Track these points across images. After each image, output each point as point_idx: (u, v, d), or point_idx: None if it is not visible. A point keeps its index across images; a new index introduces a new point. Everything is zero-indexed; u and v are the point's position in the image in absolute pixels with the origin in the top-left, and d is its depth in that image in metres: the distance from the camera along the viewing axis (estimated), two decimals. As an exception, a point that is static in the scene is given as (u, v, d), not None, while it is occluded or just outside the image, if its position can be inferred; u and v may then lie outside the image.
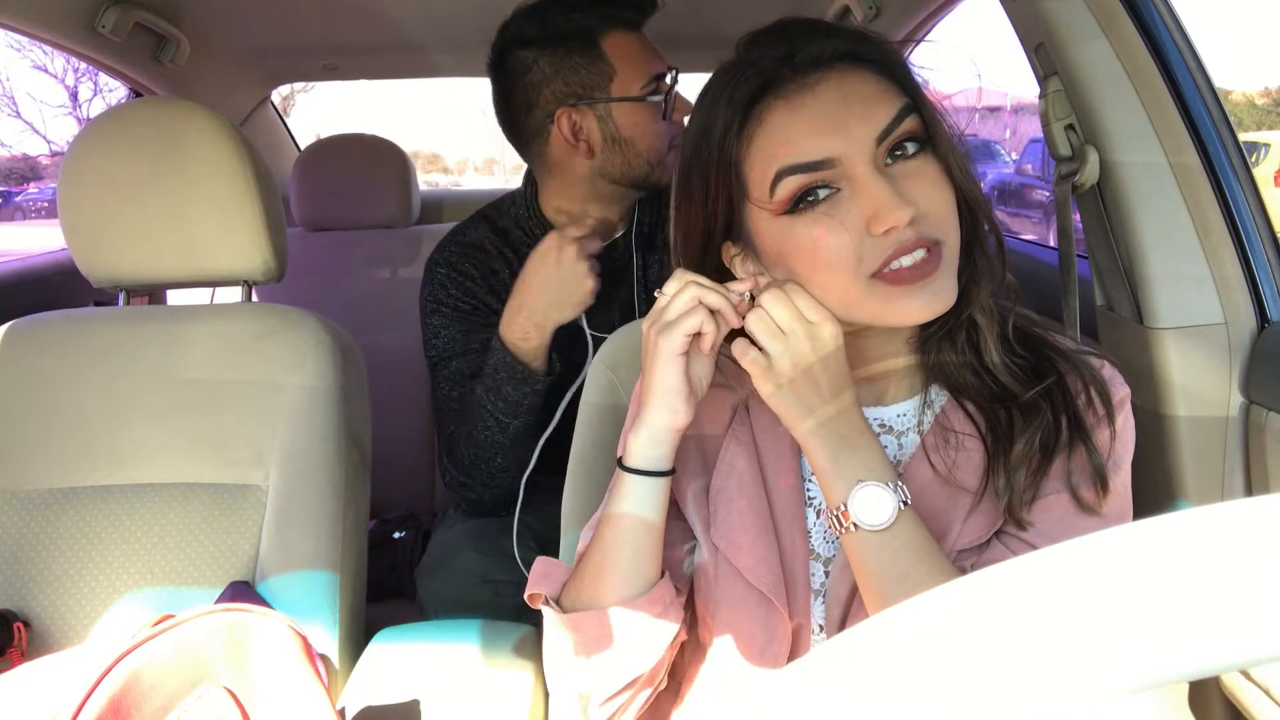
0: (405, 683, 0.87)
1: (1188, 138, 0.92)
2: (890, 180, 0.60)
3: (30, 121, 11.78)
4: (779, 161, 0.61)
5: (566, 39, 1.13)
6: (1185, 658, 0.20)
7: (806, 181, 0.61)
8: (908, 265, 0.60)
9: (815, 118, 0.61)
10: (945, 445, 0.67)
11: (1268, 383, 0.91)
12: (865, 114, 0.61)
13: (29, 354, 1.07)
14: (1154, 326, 0.94)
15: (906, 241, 0.60)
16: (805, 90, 0.61)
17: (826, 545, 0.70)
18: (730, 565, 0.69)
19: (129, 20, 1.54)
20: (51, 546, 1.01)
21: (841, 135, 0.60)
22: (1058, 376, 0.66)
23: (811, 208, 0.61)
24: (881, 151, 0.61)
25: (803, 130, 0.61)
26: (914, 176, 0.61)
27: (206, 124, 1.04)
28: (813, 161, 0.60)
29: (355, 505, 1.05)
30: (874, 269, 0.61)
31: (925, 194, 0.61)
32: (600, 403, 0.90)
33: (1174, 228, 0.94)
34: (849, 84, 0.62)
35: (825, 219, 0.61)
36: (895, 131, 0.61)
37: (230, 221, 1.05)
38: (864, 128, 0.60)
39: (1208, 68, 0.93)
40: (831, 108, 0.61)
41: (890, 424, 0.71)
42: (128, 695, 0.68)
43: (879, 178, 0.60)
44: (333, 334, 1.08)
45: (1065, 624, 0.21)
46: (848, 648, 0.23)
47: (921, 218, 0.60)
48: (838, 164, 0.61)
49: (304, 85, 9.09)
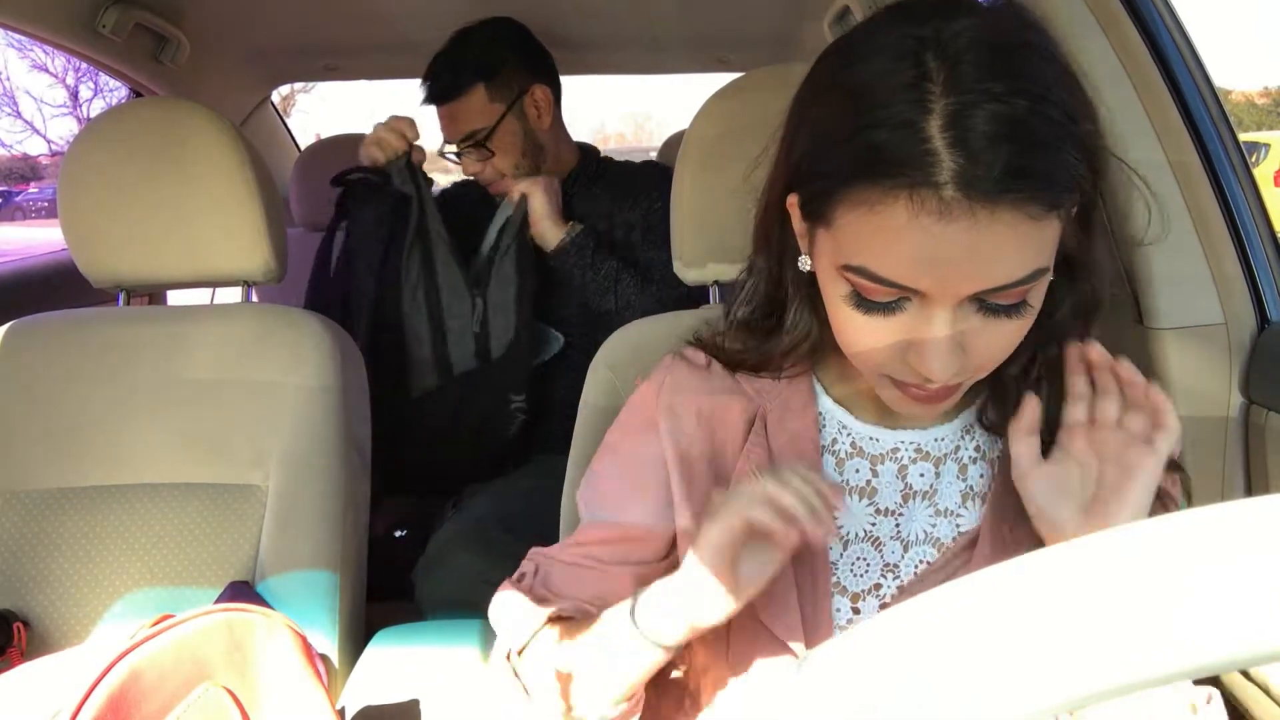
0: (405, 683, 0.87)
1: (1188, 137, 0.92)
2: (962, 320, 0.52)
3: (30, 121, 11.76)
4: (862, 257, 0.51)
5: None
6: (1184, 657, 0.20)
7: (879, 291, 0.52)
8: (924, 389, 0.55)
9: (930, 249, 0.49)
10: (1005, 505, 0.63)
11: (1268, 383, 0.91)
12: (986, 268, 0.49)
13: (29, 354, 1.07)
14: (1154, 326, 0.94)
15: (934, 387, 0.54)
16: (944, 218, 0.48)
17: (854, 579, 0.64)
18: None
19: (129, 20, 1.54)
20: (51, 546, 1.01)
21: (947, 279, 0.50)
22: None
23: (873, 308, 0.54)
24: (974, 299, 0.51)
25: (909, 251, 0.49)
26: (995, 326, 0.52)
27: (206, 124, 1.04)
28: (899, 285, 0.51)
29: (355, 505, 1.05)
30: (894, 377, 0.56)
31: (988, 347, 0.53)
32: (600, 404, 0.90)
33: (1174, 227, 0.94)
34: (993, 226, 0.48)
35: (877, 310, 0.53)
36: (1005, 293, 0.51)
37: (230, 221, 1.05)
38: (973, 282, 0.50)
39: (1208, 68, 0.93)
40: (956, 248, 0.48)
41: (927, 449, 0.65)
42: (127, 695, 0.68)
43: (946, 327, 0.51)
44: (333, 334, 1.08)
45: (1065, 624, 0.21)
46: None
47: (965, 365, 0.53)
48: (923, 294, 0.51)
49: (304, 85, 9.09)
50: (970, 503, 0.65)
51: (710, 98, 0.92)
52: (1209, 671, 0.20)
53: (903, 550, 0.64)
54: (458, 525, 1.27)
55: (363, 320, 1.31)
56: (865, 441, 0.65)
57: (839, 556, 0.64)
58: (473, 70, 1.39)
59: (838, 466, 0.65)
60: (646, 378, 0.71)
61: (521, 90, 1.42)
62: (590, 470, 0.72)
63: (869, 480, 0.65)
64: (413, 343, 1.33)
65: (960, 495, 0.65)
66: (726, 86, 0.92)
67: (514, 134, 1.42)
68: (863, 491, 0.65)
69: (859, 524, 0.64)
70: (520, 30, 1.47)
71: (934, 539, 0.64)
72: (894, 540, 0.64)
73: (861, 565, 0.64)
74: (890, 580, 0.64)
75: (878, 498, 0.64)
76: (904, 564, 0.64)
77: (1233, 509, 0.21)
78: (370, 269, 1.32)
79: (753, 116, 0.87)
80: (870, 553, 0.64)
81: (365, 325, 1.31)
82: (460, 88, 1.39)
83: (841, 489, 0.61)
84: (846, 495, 0.64)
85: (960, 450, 0.65)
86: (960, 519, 0.65)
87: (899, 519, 0.64)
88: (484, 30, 1.44)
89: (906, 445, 0.64)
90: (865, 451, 0.65)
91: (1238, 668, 0.20)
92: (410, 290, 1.32)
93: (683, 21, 1.92)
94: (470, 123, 1.40)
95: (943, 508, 0.64)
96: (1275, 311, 0.94)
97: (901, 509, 0.64)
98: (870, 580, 0.64)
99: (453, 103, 1.40)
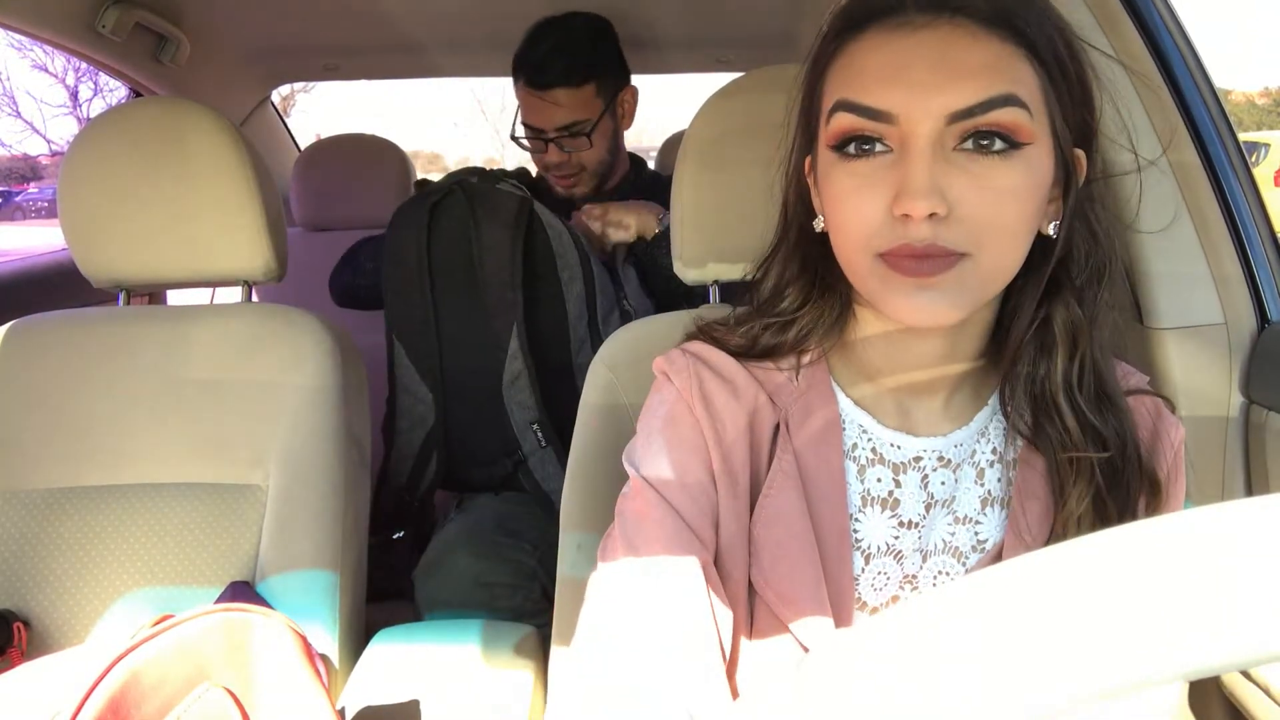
0: (405, 683, 0.87)
1: (1188, 138, 0.92)
2: (943, 165, 0.52)
3: (30, 121, 11.76)
4: (842, 92, 0.55)
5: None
6: (1184, 658, 0.20)
7: (858, 125, 0.54)
8: (912, 256, 0.54)
9: (897, 63, 0.53)
10: (1023, 514, 0.61)
11: (1268, 383, 0.91)
12: (950, 82, 0.52)
13: (29, 354, 1.07)
14: (1154, 326, 0.94)
15: (918, 242, 0.53)
16: (906, 29, 0.54)
17: (875, 594, 0.62)
18: (770, 611, 0.60)
19: (129, 20, 1.54)
20: (51, 546, 1.01)
21: (914, 94, 0.52)
22: (1127, 433, 0.60)
23: (857, 157, 0.55)
24: (954, 133, 0.52)
25: (879, 71, 0.54)
26: (978, 176, 0.53)
27: (206, 124, 1.04)
28: (872, 109, 0.53)
29: (355, 505, 1.05)
30: (881, 249, 0.54)
31: (975, 198, 0.52)
32: (599, 403, 0.90)
33: (1174, 227, 0.94)
34: (957, 41, 0.53)
35: (862, 175, 0.55)
36: (976, 118, 0.52)
37: (230, 221, 1.05)
38: (941, 97, 0.52)
39: (1208, 68, 0.93)
40: (921, 60, 0.53)
41: (949, 457, 0.63)
42: (127, 695, 0.68)
43: (925, 157, 0.52)
44: (333, 334, 1.08)
45: (1064, 624, 0.21)
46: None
47: (952, 221, 0.52)
48: (897, 122, 0.53)
49: (304, 85, 9.10)
50: (989, 509, 0.63)
51: (710, 98, 0.92)
52: (1209, 672, 0.20)
53: (922, 561, 0.62)
54: (458, 527, 1.27)
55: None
56: (886, 449, 0.63)
57: (860, 571, 0.62)
58: (588, 63, 1.42)
59: (859, 474, 0.63)
60: (666, 378, 0.66)
61: (618, 88, 1.47)
62: (641, 441, 0.66)
63: (891, 491, 0.62)
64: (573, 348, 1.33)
65: (979, 501, 0.63)
66: (726, 86, 0.92)
67: (607, 131, 1.46)
68: (885, 503, 0.62)
69: (881, 537, 0.62)
70: (613, 30, 1.50)
71: (952, 548, 0.62)
72: (915, 552, 0.62)
73: (882, 579, 0.62)
74: (909, 591, 0.62)
75: (900, 509, 0.62)
76: (923, 574, 0.62)
77: (1233, 509, 0.21)
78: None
79: (753, 116, 0.87)
80: (891, 566, 0.62)
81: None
82: (577, 78, 1.41)
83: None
84: (868, 507, 0.62)
85: (977, 454, 0.63)
86: (979, 526, 0.63)
87: (921, 530, 0.62)
88: (588, 24, 1.46)
89: (930, 454, 0.62)
90: (886, 459, 0.63)
91: (1237, 668, 0.20)
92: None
93: (682, 21, 1.93)
94: (575, 113, 1.42)
95: (961, 515, 0.63)
96: (1275, 311, 0.94)
97: (924, 520, 0.62)
98: (889, 593, 0.62)
99: (566, 90, 1.41)
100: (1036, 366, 0.60)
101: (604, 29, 1.48)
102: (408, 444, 1.33)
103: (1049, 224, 0.57)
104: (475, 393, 1.30)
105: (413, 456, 1.34)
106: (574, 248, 1.29)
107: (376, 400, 1.18)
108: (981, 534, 0.63)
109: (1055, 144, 0.55)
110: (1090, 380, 0.60)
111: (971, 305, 0.56)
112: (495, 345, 1.27)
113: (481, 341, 1.28)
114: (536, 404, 1.27)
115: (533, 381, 1.27)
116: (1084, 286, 0.59)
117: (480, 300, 1.27)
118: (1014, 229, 0.54)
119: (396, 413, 1.34)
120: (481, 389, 1.29)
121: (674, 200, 0.93)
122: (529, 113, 1.45)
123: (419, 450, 1.33)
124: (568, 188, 1.48)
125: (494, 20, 1.78)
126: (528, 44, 1.43)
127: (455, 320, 1.30)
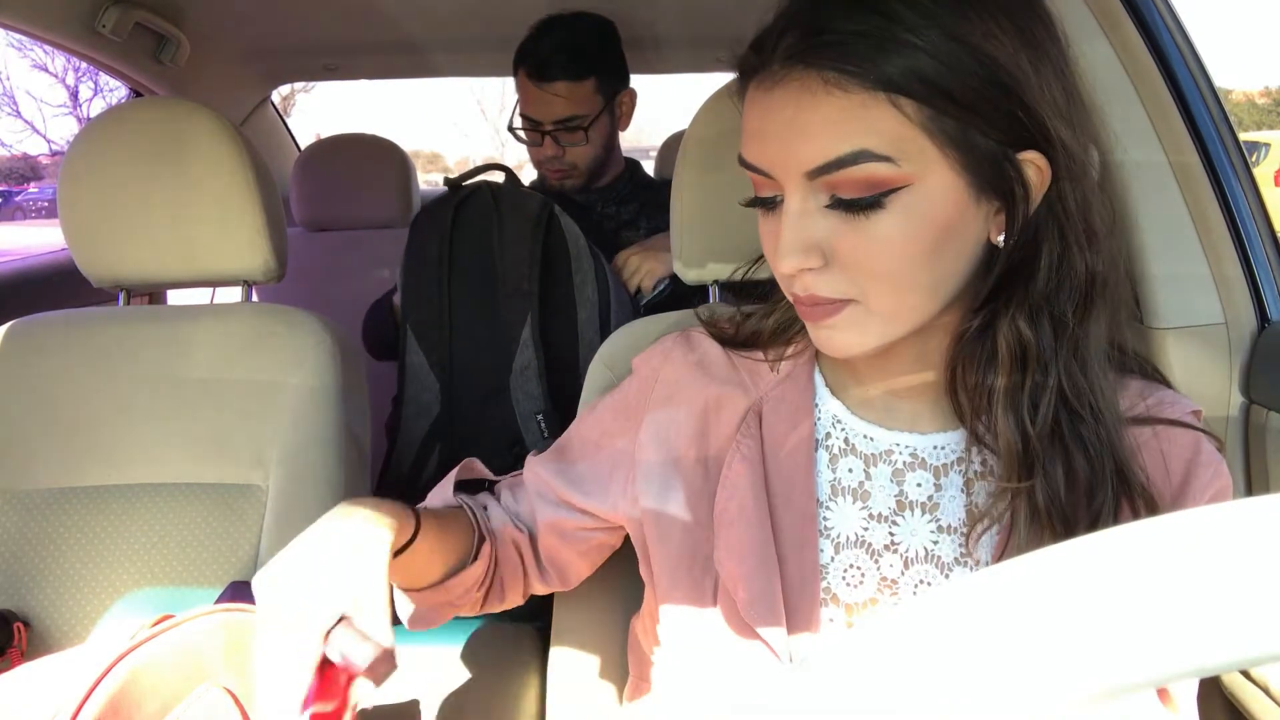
0: (405, 682, 0.87)
1: (1188, 138, 0.92)
2: (816, 218, 0.53)
3: (30, 121, 11.77)
4: (741, 147, 0.56)
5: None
6: (1183, 658, 0.20)
7: (756, 181, 0.56)
8: (799, 303, 0.56)
9: (761, 120, 0.54)
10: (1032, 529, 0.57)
11: (1268, 383, 0.91)
12: (801, 141, 0.51)
13: (29, 354, 1.07)
14: (1154, 326, 0.94)
15: (800, 291, 0.55)
16: (768, 82, 0.53)
17: (848, 589, 0.61)
18: (729, 594, 0.62)
19: (129, 20, 1.54)
20: (51, 546, 1.01)
21: (775, 153, 0.53)
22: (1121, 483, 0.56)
23: (764, 209, 0.57)
24: (820, 185, 0.52)
25: (751, 127, 0.55)
26: (855, 226, 0.52)
27: (206, 124, 1.04)
28: (754, 166, 0.55)
29: (355, 505, 1.05)
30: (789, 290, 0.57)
31: (851, 248, 0.52)
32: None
33: (1174, 228, 0.94)
34: (803, 98, 0.51)
35: (767, 227, 0.57)
36: (832, 174, 0.51)
37: (230, 221, 1.05)
38: (795, 156, 0.52)
39: (1208, 68, 0.93)
40: (777, 118, 0.52)
41: (924, 457, 0.62)
42: (127, 695, 0.68)
43: (793, 214, 0.53)
44: (333, 334, 1.08)
45: (1063, 625, 0.21)
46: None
47: (833, 270, 0.53)
48: (775, 178, 0.54)
49: (304, 85, 9.10)
50: (979, 525, 0.59)
51: (710, 98, 0.92)
52: (1209, 672, 0.20)
53: (903, 566, 0.61)
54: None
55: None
56: (859, 440, 0.63)
57: (829, 560, 0.62)
58: (591, 58, 1.43)
59: (831, 463, 0.64)
60: (645, 355, 0.73)
61: (617, 89, 1.48)
62: (576, 422, 0.77)
63: (861, 482, 0.63)
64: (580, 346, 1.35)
65: (965, 511, 0.61)
66: (726, 86, 0.92)
67: (603, 129, 1.48)
68: (855, 493, 0.63)
69: (851, 527, 0.62)
70: (618, 34, 1.52)
71: (935, 557, 0.61)
72: (890, 552, 0.61)
73: (855, 574, 0.61)
74: (888, 597, 0.61)
75: (870, 501, 0.62)
76: (904, 581, 0.61)
77: (1233, 509, 0.21)
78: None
79: (753, 116, 0.87)
80: (865, 560, 0.62)
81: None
82: (578, 71, 1.42)
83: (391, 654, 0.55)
84: (838, 496, 0.63)
85: (967, 465, 0.61)
86: (965, 540, 0.61)
87: (893, 527, 0.62)
88: (594, 23, 1.48)
89: (902, 449, 0.62)
90: (859, 450, 0.63)
91: (1238, 668, 0.20)
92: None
93: (682, 21, 1.92)
94: (574, 107, 1.43)
95: (945, 524, 0.61)
96: (1275, 311, 0.94)
97: (896, 516, 0.62)
98: (866, 594, 0.61)
99: (567, 83, 1.42)
100: (983, 378, 0.57)
101: (609, 30, 1.50)
102: (411, 431, 1.34)
103: (998, 234, 0.54)
104: (482, 383, 1.31)
105: (416, 445, 1.34)
106: (589, 254, 1.30)
107: (378, 399, 1.17)
108: (970, 551, 0.61)
109: (965, 164, 0.51)
110: (1051, 403, 0.55)
111: (882, 338, 0.55)
112: (507, 336, 1.28)
113: (492, 332, 1.29)
114: (543, 394, 1.28)
115: (541, 372, 1.28)
116: (1050, 298, 0.55)
117: (495, 291, 1.29)
118: (901, 272, 0.52)
119: (403, 399, 1.34)
120: (488, 379, 1.30)
121: (674, 200, 0.93)
122: (527, 104, 1.46)
123: (422, 441, 1.34)
124: (559, 179, 1.50)
125: (494, 20, 1.78)
126: (533, 36, 1.44)
127: (468, 310, 1.31)
